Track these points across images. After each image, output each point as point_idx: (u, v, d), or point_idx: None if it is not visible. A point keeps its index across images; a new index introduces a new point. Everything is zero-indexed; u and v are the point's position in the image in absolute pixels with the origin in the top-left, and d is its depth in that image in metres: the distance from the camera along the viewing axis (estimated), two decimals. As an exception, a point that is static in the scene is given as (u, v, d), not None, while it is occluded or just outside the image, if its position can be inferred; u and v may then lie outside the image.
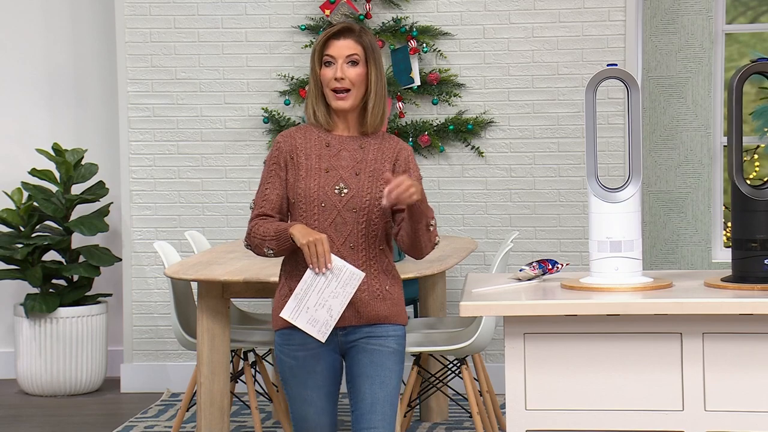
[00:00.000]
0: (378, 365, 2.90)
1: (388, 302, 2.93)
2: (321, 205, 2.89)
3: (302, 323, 2.83)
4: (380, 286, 2.92)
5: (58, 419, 5.31)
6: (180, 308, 4.54)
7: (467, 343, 4.31)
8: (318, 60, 2.94)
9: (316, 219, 2.89)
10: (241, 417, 5.19)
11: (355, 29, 2.95)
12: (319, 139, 2.95)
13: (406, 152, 2.97)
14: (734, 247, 2.88)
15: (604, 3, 5.58)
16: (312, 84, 2.95)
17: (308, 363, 2.91)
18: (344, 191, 2.90)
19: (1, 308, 6.14)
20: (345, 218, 2.89)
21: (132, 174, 5.81)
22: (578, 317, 2.76)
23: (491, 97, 5.68)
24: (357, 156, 2.93)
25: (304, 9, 5.73)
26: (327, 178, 2.91)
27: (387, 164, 2.94)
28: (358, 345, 2.92)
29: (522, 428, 2.77)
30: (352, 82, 2.90)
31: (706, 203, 5.94)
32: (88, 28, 6.11)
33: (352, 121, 2.96)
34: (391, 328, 2.93)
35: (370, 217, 2.90)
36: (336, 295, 2.82)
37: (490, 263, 5.43)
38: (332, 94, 2.91)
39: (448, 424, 5.05)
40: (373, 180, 2.92)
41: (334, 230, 2.89)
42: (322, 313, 2.82)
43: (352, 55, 2.91)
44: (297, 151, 2.93)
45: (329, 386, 2.94)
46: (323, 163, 2.92)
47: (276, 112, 5.74)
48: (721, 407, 2.74)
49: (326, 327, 2.83)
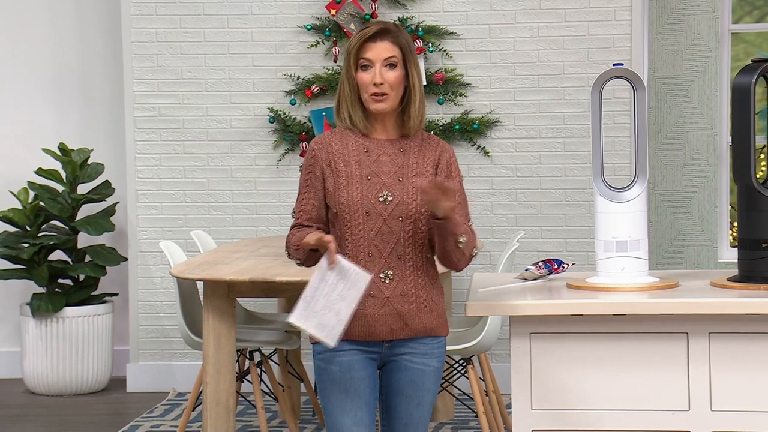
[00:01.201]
0: (417, 385, 2.80)
1: (435, 314, 2.81)
2: (366, 214, 2.78)
3: (311, 327, 2.73)
4: (427, 297, 2.81)
5: (64, 419, 5.32)
6: (186, 308, 4.55)
7: (473, 342, 4.31)
8: (354, 63, 2.81)
9: (362, 228, 2.78)
10: (247, 416, 5.20)
11: (391, 30, 2.83)
12: (356, 144, 2.83)
13: (448, 154, 2.86)
14: (740, 246, 2.88)
15: (610, 2, 5.58)
16: (347, 88, 2.82)
17: (353, 368, 2.79)
18: (389, 199, 2.78)
19: (8, 308, 6.16)
20: (391, 227, 2.78)
21: (138, 174, 5.82)
22: (584, 317, 2.76)
23: (497, 97, 5.68)
24: (398, 161, 2.82)
25: (310, 9, 5.73)
26: (369, 185, 2.80)
27: (429, 168, 2.83)
28: (400, 361, 2.81)
29: (528, 428, 2.77)
30: (391, 86, 2.79)
31: (712, 203, 5.93)
32: (95, 28, 6.12)
33: (390, 123, 2.84)
34: (436, 343, 2.82)
35: (416, 225, 2.78)
36: (343, 297, 2.73)
37: (496, 263, 5.43)
38: (371, 98, 2.80)
39: (453, 424, 5.05)
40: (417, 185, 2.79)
41: (381, 239, 2.78)
42: (330, 317, 2.72)
43: (390, 57, 2.79)
44: (335, 158, 2.81)
45: (368, 397, 2.81)
46: (364, 169, 2.81)
47: (282, 112, 5.75)
48: (728, 407, 2.74)
49: (335, 331, 2.72)
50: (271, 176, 5.79)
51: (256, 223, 5.80)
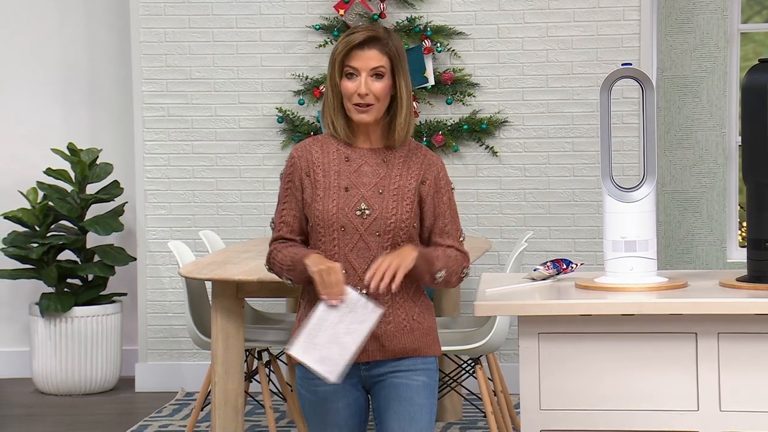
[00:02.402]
0: (406, 400, 2.64)
1: (417, 333, 2.67)
2: (341, 229, 2.63)
3: (311, 361, 2.54)
4: (407, 317, 2.66)
5: (72, 418, 5.34)
6: (194, 308, 4.56)
7: (481, 342, 4.31)
8: (338, 70, 2.65)
9: (336, 244, 2.63)
10: (255, 416, 5.21)
11: (380, 37, 2.66)
12: (338, 153, 2.68)
13: (435, 169, 2.70)
14: (749, 247, 2.88)
15: (618, 2, 5.57)
16: (330, 94, 2.67)
17: (329, 399, 2.66)
18: (366, 212, 2.63)
19: (17, 307, 6.17)
20: (368, 243, 2.63)
21: (147, 174, 5.83)
22: (593, 317, 2.76)
23: (505, 97, 5.68)
24: (380, 172, 2.67)
25: (318, 9, 5.74)
26: (347, 197, 2.64)
27: (413, 182, 2.67)
28: (384, 380, 2.66)
29: (536, 428, 2.77)
30: (377, 97, 2.64)
31: (721, 203, 5.92)
32: (103, 28, 6.13)
33: (375, 133, 2.69)
34: (420, 361, 2.68)
35: (395, 240, 2.64)
36: (351, 331, 2.54)
37: (505, 263, 5.43)
38: (354, 108, 2.65)
39: (462, 424, 5.05)
40: (399, 199, 2.66)
41: (356, 256, 2.63)
42: (335, 351, 2.54)
43: (378, 67, 2.64)
44: (314, 167, 2.67)
45: (352, 425, 2.69)
46: (342, 180, 2.66)
47: (290, 112, 5.76)
48: (737, 407, 2.73)
49: (338, 366, 2.54)
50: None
51: (265, 223, 5.80)
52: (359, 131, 2.70)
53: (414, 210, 2.67)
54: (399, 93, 2.66)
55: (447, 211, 2.71)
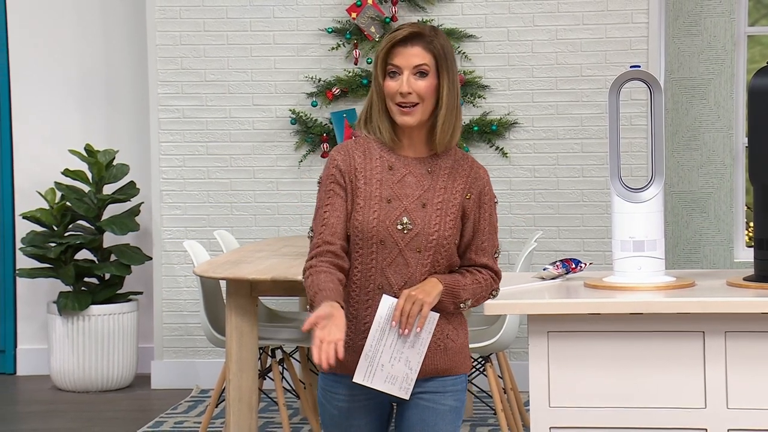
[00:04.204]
0: (428, 425, 2.52)
1: (450, 353, 2.54)
2: (380, 243, 2.48)
3: (379, 384, 2.46)
4: (441, 335, 2.53)
5: (90, 414, 5.38)
6: (209, 306, 4.59)
7: (492, 341, 4.34)
8: (381, 69, 2.51)
9: (374, 258, 2.48)
10: (269, 413, 5.24)
11: (424, 33, 2.50)
12: (381, 160, 2.52)
13: (481, 183, 2.54)
14: (756, 246, 2.88)
15: (627, 5, 5.61)
16: (374, 96, 2.52)
17: (352, 416, 2.55)
18: (408, 227, 2.48)
19: (35, 306, 6.23)
20: (407, 259, 2.48)
21: (162, 174, 5.88)
22: (601, 316, 2.77)
23: (515, 99, 5.72)
24: (424, 183, 2.51)
25: (331, 12, 5.79)
26: (389, 210, 2.48)
27: (458, 196, 2.52)
28: (411, 399, 2.52)
29: (546, 425, 2.78)
30: (421, 96, 2.48)
31: (729, 203, 5.95)
32: (120, 32, 6.19)
33: (419, 138, 2.53)
34: (450, 382, 2.55)
35: (435, 258, 2.50)
36: (412, 344, 2.47)
37: (514, 263, 5.47)
38: (397, 109, 2.49)
39: (472, 421, 5.09)
40: (442, 214, 2.50)
41: (394, 272, 2.48)
42: (400, 368, 2.46)
43: (421, 65, 2.48)
44: (356, 173, 2.51)
45: None
46: (385, 190, 2.50)
47: (303, 114, 5.81)
48: (744, 405, 2.74)
49: (407, 382, 2.48)
50: (293, 177, 5.85)
51: (278, 223, 5.86)
52: (404, 136, 2.54)
53: (457, 226, 2.53)
54: (440, 93, 2.50)
55: (487, 228, 2.56)
